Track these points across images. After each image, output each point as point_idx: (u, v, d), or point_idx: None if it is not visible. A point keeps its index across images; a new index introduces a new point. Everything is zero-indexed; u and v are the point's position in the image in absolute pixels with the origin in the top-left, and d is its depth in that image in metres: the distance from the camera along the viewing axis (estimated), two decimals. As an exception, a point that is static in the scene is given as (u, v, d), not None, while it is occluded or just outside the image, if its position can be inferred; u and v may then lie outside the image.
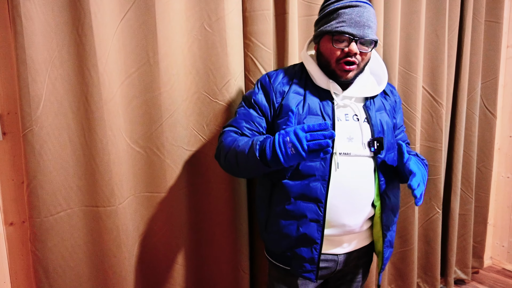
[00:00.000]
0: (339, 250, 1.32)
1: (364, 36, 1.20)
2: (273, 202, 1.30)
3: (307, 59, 1.33)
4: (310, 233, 1.24)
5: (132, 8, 1.40)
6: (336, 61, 1.24)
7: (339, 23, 1.20)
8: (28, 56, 1.23)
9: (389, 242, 1.36)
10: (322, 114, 1.24)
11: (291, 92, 1.28)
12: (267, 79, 1.33)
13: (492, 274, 2.86)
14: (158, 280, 1.61)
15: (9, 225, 1.39)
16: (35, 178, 1.30)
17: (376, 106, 1.32)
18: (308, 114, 1.24)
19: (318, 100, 1.27)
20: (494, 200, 2.87)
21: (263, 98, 1.31)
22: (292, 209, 1.25)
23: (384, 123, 1.31)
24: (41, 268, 1.35)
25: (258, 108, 1.30)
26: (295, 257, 1.29)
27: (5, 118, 1.35)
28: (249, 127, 1.28)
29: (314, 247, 1.26)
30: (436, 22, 2.18)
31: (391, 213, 1.33)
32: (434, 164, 2.31)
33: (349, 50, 1.20)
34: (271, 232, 1.33)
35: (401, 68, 2.12)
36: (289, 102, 1.26)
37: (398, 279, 2.36)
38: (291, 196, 1.24)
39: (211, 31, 1.53)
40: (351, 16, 1.19)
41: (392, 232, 1.37)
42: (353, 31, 1.19)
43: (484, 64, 2.53)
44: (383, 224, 1.31)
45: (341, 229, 1.27)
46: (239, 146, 1.17)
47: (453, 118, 2.42)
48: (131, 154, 1.48)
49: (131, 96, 1.45)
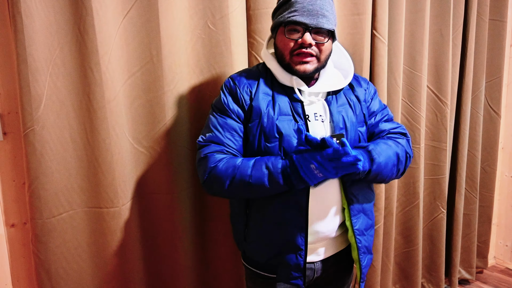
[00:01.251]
0: (314, 258, 1.28)
1: (318, 25, 1.13)
2: (252, 210, 1.25)
3: (267, 57, 1.26)
4: (294, 241, 1.20)
5: (135, 6, 1.38)
6: (290, 54, 1.17)
7: (291, 12, 1.14)
8: (28, 54, 1.21)
9: (366, 248, 1.28)
10: (293, 114, 1.19)
11: (260, 93, 1.21)
12: (231, 82, 1.25)
13: (496, 273, 2.86)
14: (162, 281, 1.59)
15: (10, 226, 1.37)
16: (36, 179, 1.28)
17: (339, 101, 1.26)
18: (279, 115, 1.19)
19: (287, 99, 1.21)
20: (497, 199, 2.86)
21: (233, 103, 1.22)
22: (274, 216, 1.21)
23: (347, 119, 1.24)
24: (43, 270, 1.33)
25: (233, 113, 1.22)
26: (281, 264, 1.24)
27: (6, 118, 1.33)
28: (230, 137, 1.20)
29: (299, 253, 1.21)
30: (441, 21, 2.16)
31: (362, 216, 1.27)
32: (438, 163, 2.29)
33: (302, 41, 1.14)
34: (252, 241, 1.28)
35: (406, 67, 2.10)
36: (259, 104, 1.19)
37: (402, 279, 2.35)
38: (272, 203, 1.20)
39: (215, 29, 1.51)
40: (303, 4, 1.13)
41: (368, 237, 1.29)
42: (306, 20, 1.12)
43: (489, 63, 2.51)
44: (354, 228, 1.24)
45: (315, 236, 1.23)
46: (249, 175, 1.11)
47: (458, 117, 2.40)
48: (134, 154, 1.46)
49: (134, 95, 1.43)
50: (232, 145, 1.20)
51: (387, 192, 2.09)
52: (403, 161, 1.27)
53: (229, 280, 1.70)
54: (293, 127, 1.17)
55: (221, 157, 1.16)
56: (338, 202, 1.24)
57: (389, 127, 1.34)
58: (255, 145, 1.19)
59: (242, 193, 1.17)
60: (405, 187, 2.23)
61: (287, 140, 1.16)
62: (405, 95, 2.12)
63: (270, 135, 1.17)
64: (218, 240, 1.66)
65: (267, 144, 1.17)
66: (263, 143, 1.18)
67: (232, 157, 1.17)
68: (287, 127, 1.17)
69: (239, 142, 1.21)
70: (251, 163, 1.13)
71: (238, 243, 1.37)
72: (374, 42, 1.89)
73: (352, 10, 1.84)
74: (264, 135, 1.18)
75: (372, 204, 1.33)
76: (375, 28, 1.88)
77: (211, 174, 1.15)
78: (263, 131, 1.18)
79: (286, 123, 1.18)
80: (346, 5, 1.83)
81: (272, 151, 1.17)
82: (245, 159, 1.15)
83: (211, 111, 1.27)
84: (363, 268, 1.28)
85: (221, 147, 1.19)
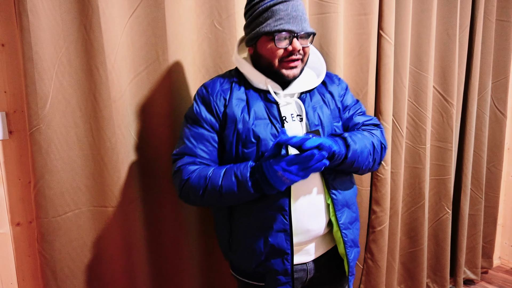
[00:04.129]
0: (307, 258, 1.27)
1: (303, 30, 1.15)
2: (235, 217, 1.24)
3: (241, 62, 1.26)
4: (279, 244, 1.18)
5: (141, 5, 1.38)
6: (279, 61, 1.18)
7: (276, 21, 1.14)
8: (34, 53, 1.21)
9: (352, 241, 1.28)
10: (269, 117, 1.19)
11: (233, 99, 1.20)
12: (204, 90, 1.24)
13: (501, 274, 2.85)
14: (167, 280, 1.59)
15: (16, 225, 1.37)
16: (42, 178, 1.28)
17: (313, 99, 1.27)
18: (255, 119, 1.18)
19: (262, 102, 1.21)
20: (503, 200, 2.85)
21: (206, 112, 1.21)
22: (256, 221, 1.20)
23: (323, 115, 1.25)
24: (48, 269, 1.33)
25: (206, 123, 1.21)
26: (268, 271, 1.22)
27: (12, 117, 1.33)
28: (203, 148, 1.20)
29: (285, 257, 1.19)
30: (447, 21, 2.15)
31: (346, 210, 1.27)
32: (444, 164, 2.28)
33: (293, 48, 1.16)
34: (237, 250, 1.27)
35: (412, 68, 2.09)
36: (233, 110, 1.19)
37: (407, 279, 2.34)
38: (253, 208, 1.19)
39: (221, 28, 1.50)
40: (288, 12, 1.14)
41: (354, 230, 1.29)
42: (293, 28, 1.14)
43: (495, 64, 2.49)
44: (339, 223, 1.24)
45: (306, 235, 1.23)
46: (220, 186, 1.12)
47: (464, 118, 2.39)
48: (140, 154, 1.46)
49: (140, 94, 1.43)
50: (205, 156, 1.20)
51: (393, 192, 2.08)
52: (378, 151, 1.29)
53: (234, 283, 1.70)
54: (269, 131, 1.17)
55: (194, 168, 1.17)
56: (322, 198, 1.23)
57: (362, 120, 1.36)
58: (233, 152, 1.19)
59: (217, 202, 1.17)
60: (410, 187, 2.22)
61: (265, 144, 1.16)
62: (411, 96, 2.12)
63: (247, 140, 1.17)
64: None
65: (244, 150, 1.17)
66: (240, 149, 1.18)
67: (205, 167, 1.17)
68: (263, 131, 1.17)
69: (213, 153, 1.21)
70: (222, 172, 1.13)
71: (224, 253, 1.35)
72: (381, 42, 1.88)
73: (359, 10, 1.83)
74: (241, 141, 1.18)
75: (355, 197, 1.34)
76: (381, 28, 1.87)
77: (186, 186, 1.17)
78: (239, 137, 1.18)
79: (262, 127, 1.17)
80: (353, 5, 1.83)
81: (250, 157, 1.17)
82: (216, 168, 1.15)
83: (184, 122, 1.26)
84: (350, 261, 1.28)
85: (193, 159, 1.19)
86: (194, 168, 1.17)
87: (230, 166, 1.14)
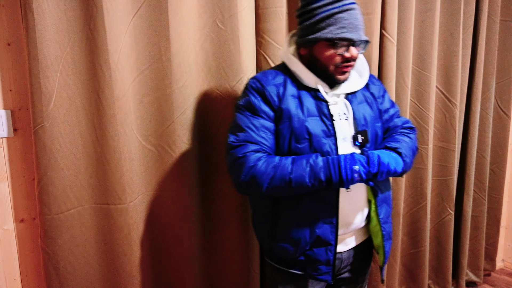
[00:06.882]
0: (342, 248, 1.33)
1: (360, 38, 1.21)
2: (280, 209, 1.27)
3: (292, 60, 1.30)
4: (325, 235, 1.24)
5: (144, 5, 1.39)
6: (335, 66, 1.23)
7: (339, 29, 1.18)
8: (40, 51, 1.22)
9: (388, 235, 1.36)
10: (320, 115, 1.23)
11: (288, 95, 1.24)
12: (257, 83, 1.26)
13: (504, 276, 2.83)
14: (169, 279, 1.60)
15: (19, 221, 1.39)
16: (46, 175, 1.29)
17: (358, 99, 1.32)
18: (308, 116, 1.22)
19: (313, 100, 1.25)
20: (506, 201, 2.83)
21: (262, 102, 1.24)
22: (304, 213, 1.23)
23: (367, 115, 1.31)
24: (51, 265, 1.34)
25: (264, 113, 1.23)
26: (310, 260, 1.27)
27: (17, 114, 1.35)
28: (265, 136, 1.22)
29: (329, 248, 1.25)
30: (451, 21, 2.14)
31: (385, 206, 1.34)
32: (446, 165, 2.28)
33: (351, 56, 1.22)
34: (281, 239, 1.29)
35: (415, 67, 2.09)
36: (289, 106, 1.22)
37: (409, 280, 2.34)
38: (303, 199, 1.22)
39: (223, 28, 1.51)
40: (350, 20, 1.18)
41: (389, 224, 1.37)
42: (353, 36, 1.19)
43: (499, 64, 2.48)
44: (379, 218, 1.31)
45: (348, 228, 1.30)
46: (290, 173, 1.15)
47: (467, 118, 2.38)
48: (142, 152, 1.47)
49: (143, 93, 1.44)
50: (267, 144, 1.22)
51: (394, 193, 2.08)
52: (415, 155, 1.39)
53: (236, 279, 1.71)
54: (320, 128, 1.22)
55: (260, 155, 1.18)
56: (365, 195, 1.30)
57: (400, 123, 1.44)
58: (285, 146, 1.23)
59: (279, 191, 1.18)
60: (412, 188, 2.21)
61: (317, 140, 1.21)
62: (413, 95, 2.11)
63: (301, 136, 1.21)
64: (226, 239, 1.67)
65: (297, 145, 1.21)
66: (293, 144, 1.22)
67: (270, 155, 1.20)
68: (315, 128, 1.21)
69: (272, 141, 1.24)
70: (289, 160, 1.17)
71: (263, 242, 1.39)
72: (383, 41, 1.88)
73: (361, 9, 1.81)
74: (294, 136, 1.21)
75: (390, 193, 1.41)
76: (384, 27, 1.87)
77: (250, 173, 1.17)
78: (293, 132, 1.21)
79: (314, 123, 1.22)
80: (355, 5, 1.83)
81: (302, 152, 1.21)
82: (282, 158, 1.18)
83: (238, 111, 1.27)
84: (386, 252, 1.36)
85: (258, 146, 1.20)
86: (260, 155, 1.19)
87: (296, 156, 1.19)
